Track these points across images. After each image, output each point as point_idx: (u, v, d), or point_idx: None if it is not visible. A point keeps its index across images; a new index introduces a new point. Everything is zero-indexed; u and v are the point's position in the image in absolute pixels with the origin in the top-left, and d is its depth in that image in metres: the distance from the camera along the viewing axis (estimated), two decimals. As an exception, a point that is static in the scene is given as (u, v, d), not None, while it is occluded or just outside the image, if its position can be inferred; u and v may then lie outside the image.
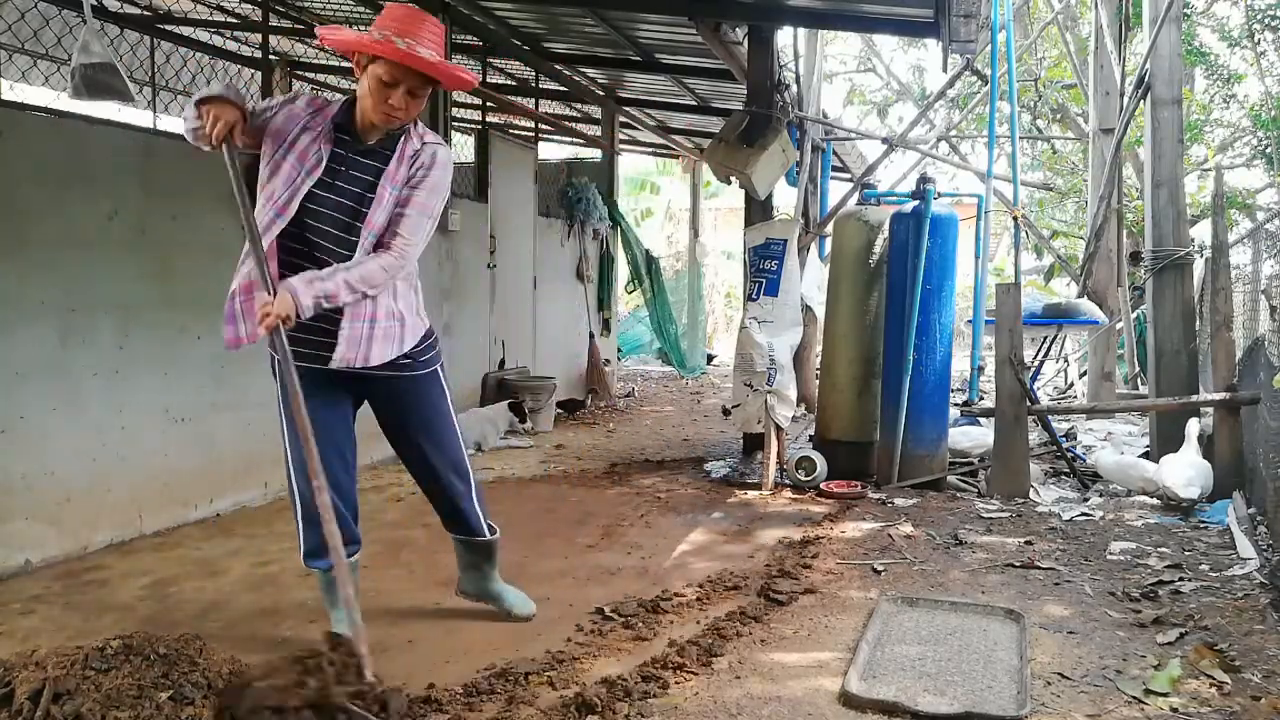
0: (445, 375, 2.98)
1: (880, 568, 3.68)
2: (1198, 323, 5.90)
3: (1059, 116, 13.06)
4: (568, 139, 11.01)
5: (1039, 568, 3.67)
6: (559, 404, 8.14)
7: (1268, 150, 9.84)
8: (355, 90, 2.59)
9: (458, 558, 3.16)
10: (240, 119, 2.46)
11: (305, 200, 2.55)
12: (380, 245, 2.58)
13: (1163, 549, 3.93)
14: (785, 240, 5.27)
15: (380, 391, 2.86)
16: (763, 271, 5.30)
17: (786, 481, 5.25)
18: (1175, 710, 2.45)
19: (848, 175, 10.20)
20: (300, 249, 2.60)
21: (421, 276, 2.86)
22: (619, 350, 11.27)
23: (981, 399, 7.02)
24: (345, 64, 9.21)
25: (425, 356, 2.85)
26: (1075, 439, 6.83)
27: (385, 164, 2.62)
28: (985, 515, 4.54)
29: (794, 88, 6.69)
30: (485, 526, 3.07)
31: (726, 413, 8.50)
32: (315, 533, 2.70)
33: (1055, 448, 5.73)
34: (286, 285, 2.40)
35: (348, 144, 2.60)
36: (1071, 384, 9.67)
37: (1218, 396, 4.92)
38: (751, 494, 5.11)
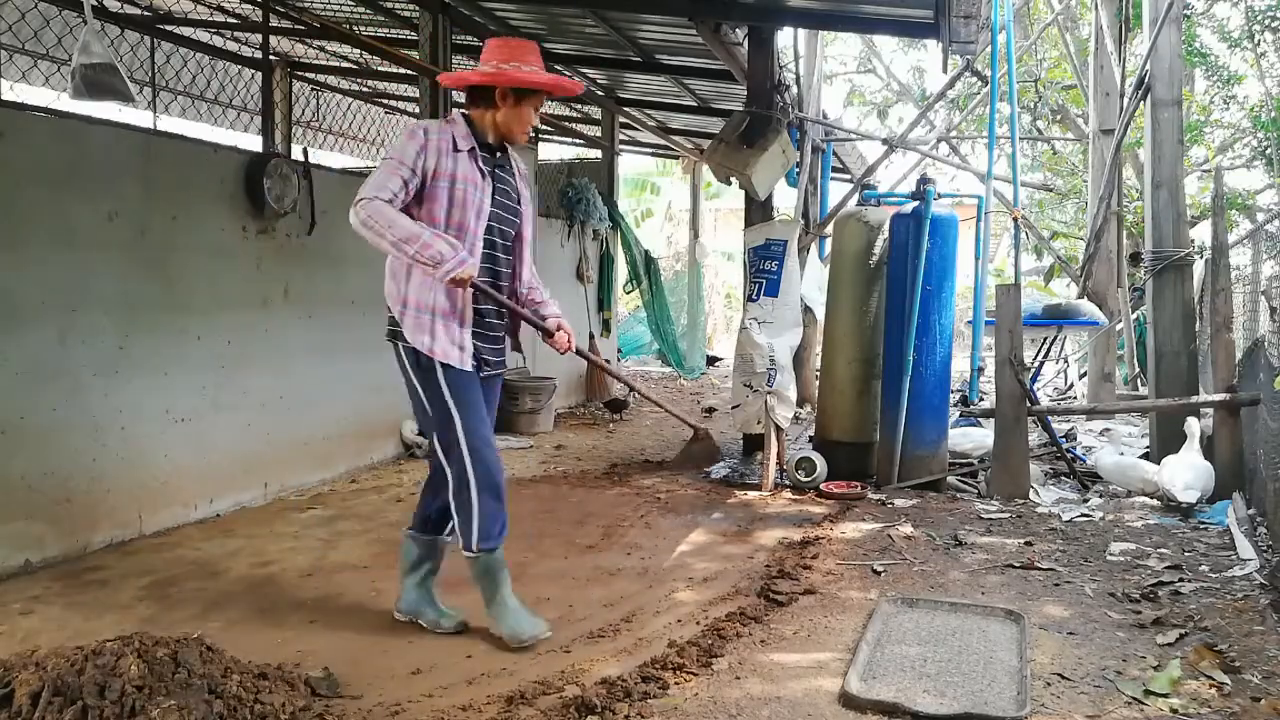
0: None
1: (880, 568, 3.67)
2: (1198, 324, 5.90)
3: (1059, 117, 13.07)
4: (568, 139, 11.01)
5: (1039, 568, 3.67)
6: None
7: (1267, 151, 9.84)
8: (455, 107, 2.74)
9: (424, 563, 3.20)
10: (472, 270, 2.83)
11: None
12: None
13: (1163, 550, 3.93)
14: (785, 241, 5.27)
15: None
16: (763, 272, 5.30)
17: (786, 482, 5.24)
18: (1175, 711, 2.45)
19: (848, 176, 10.19)
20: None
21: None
22: (619, 351, 11.27)
23: (981, 400, 7.02)
24: (345, 64, 9.22)
25: None
26: (1075, 440, 6.83)
27: (513, 178, 3.07)
28: (985, 516, 4.54)
29: (794, 88, 6.70)
30: None
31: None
32: (500, 510, 2.95)
33: (1055, 448, 5.73)
34: (553, 323, 3.12)
35: (487, 159, 2.97)
36: (1071, 385, 9.66)
37: (1218, 397, 4.92)
38: (751, 495, 5.10)
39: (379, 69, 8.94)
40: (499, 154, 3.01)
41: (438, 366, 2.88)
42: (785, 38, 6.71)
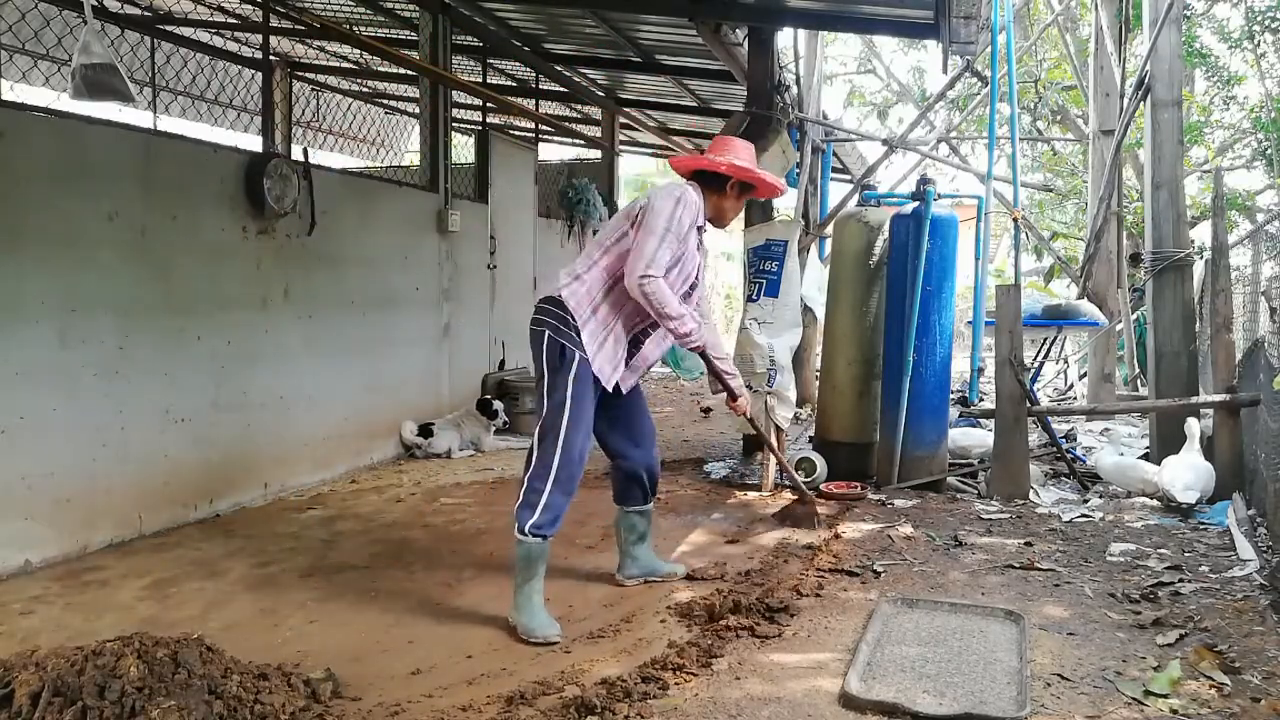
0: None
1: (880, 569, 3.67)
2: (1197, 324, 5.90)
3: (1059, 118, 13.08)
4: (568, 140, 11.01)
5: (1039, 569, 3.67)
6: None
7: (1267, 152, 9.85)
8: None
9: (627, 534, 3.58)
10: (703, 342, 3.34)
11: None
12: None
13: (1162, 550, 3.93)
14: (785, 241, 5.27)
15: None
16: (763, 273, 5.29)
17: (786, 482, 5.24)
18: (1175, 712, 2.45)
19: (848, 176, 10.20)
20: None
21: (422, 276, 2.92)
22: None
23: (981, 400, 7.02)
24: (345, 64, 9.22)
25: None
26: (1075, 440, 6.82)
27: (703, 250, 3.42)
28: (985, 516, 4.54)
29: (794, 89, 6.70)
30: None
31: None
32: (564, 507, 3.13)
33: (1055, 449, 5.73)
34: (740, 390, 3.63)
35: (700, 230, 3.35)
36: (1071, 385, 9.66)
37: (1218, 398, 4.91)
38: (751, 495, 5.10)
39: (379, 69, 8.95)
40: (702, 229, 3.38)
41: (575, 365, 3.11)
42: (785, 38, 6.72)
